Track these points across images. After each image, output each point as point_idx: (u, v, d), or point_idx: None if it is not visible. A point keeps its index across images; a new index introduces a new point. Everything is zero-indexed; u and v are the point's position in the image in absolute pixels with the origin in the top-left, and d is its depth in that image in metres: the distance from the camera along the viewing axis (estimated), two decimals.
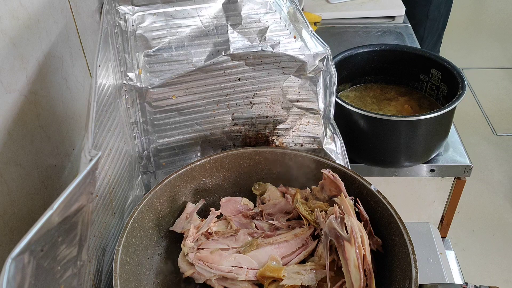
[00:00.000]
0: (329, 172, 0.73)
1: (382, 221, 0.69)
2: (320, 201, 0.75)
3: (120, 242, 0.66)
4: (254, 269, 0.69)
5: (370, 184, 0.72)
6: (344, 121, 0.96)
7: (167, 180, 0.76)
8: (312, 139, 0.88)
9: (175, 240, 0.77)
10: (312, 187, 0.78)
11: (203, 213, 0.79)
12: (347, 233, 0.64)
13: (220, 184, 0.83)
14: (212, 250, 0.70)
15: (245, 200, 0.81)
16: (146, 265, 0.72)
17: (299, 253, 0.71)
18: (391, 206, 0.68)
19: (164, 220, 0.77)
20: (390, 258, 0.67)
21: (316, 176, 0.77)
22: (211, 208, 0.77)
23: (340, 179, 0.73)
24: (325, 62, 0.79)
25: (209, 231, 0.75)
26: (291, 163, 0.81)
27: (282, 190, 0.81)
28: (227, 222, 0.77)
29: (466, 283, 0.60)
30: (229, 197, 0.81)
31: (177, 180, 0.78)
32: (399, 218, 0.67)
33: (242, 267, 0.68)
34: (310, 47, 0.78)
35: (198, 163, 0.80)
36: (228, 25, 0.74)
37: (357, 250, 0.63)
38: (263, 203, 0.81)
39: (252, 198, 0.83)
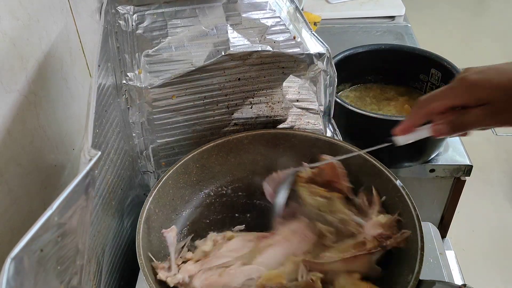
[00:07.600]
0: (329, 158, 0.75)
1: (402, 217, 0.70)
2: (318, 184, 0.75)
3: (151, 193, 0.71)
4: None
5: (396, 179, 0.73)
6: (344, 121, 0.96)
7: (204, 148, 0.80)
8: None
9: (204, 204, 0.81)
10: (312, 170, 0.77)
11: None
12: None
13: (255, 160, 0.84)
14: (220, 272, 0.66)
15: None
16: (174, 219, 0.76)
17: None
18: (412, 203, 0.69)
19: (198, 184, 0.81)
20: (401, 254, 0.67)
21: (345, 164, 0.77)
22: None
23: (344, 169, 0.75)
24: (325, 62, 0.79)
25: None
26: (326, 150, 0.80)
27: None
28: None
29: (465, 285, 0.59)
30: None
31: (215, 149, 0.81)
32: (417, 215, 0.68)
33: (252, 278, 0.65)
34: (310, 47, 0.78)
35: (236, 136, 0.82)
36: (228, 25, 0.75)
37: None
38: None
39: None
